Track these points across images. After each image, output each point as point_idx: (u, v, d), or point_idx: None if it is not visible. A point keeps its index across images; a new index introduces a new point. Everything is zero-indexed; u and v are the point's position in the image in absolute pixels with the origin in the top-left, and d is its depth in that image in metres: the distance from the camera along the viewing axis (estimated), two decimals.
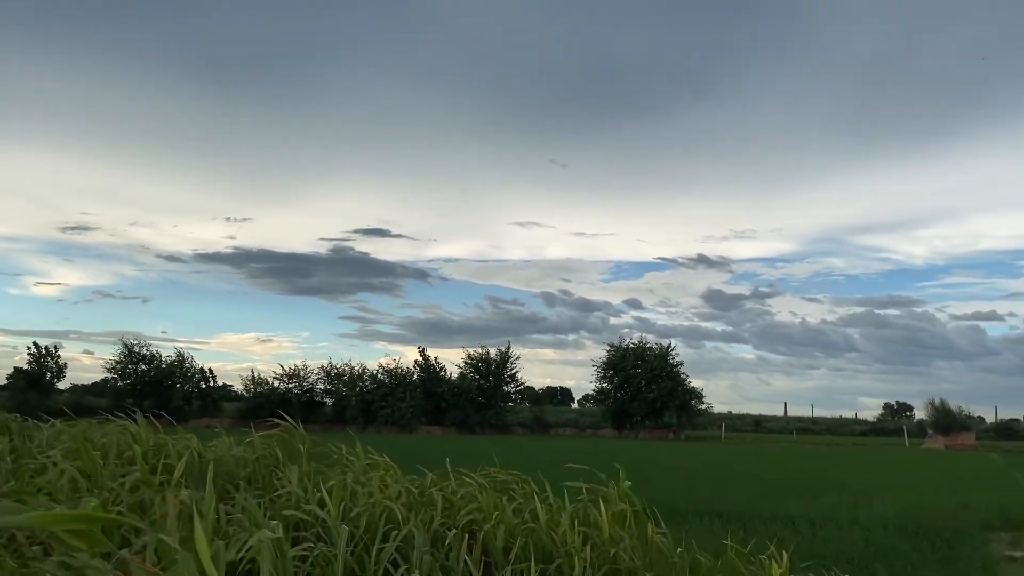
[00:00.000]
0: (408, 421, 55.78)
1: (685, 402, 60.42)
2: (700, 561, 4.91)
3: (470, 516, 4.97)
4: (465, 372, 61.23)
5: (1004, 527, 12.63)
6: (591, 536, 4.85)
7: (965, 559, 9.23)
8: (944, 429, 58.39)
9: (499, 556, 4.49)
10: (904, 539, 10.54)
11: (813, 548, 9.25)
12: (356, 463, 5.82)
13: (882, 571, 8.14)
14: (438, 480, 5.86)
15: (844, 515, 12.55)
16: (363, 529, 4.34)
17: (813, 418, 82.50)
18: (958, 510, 13.95)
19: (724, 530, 7.75)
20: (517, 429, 61.30)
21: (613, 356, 62.07)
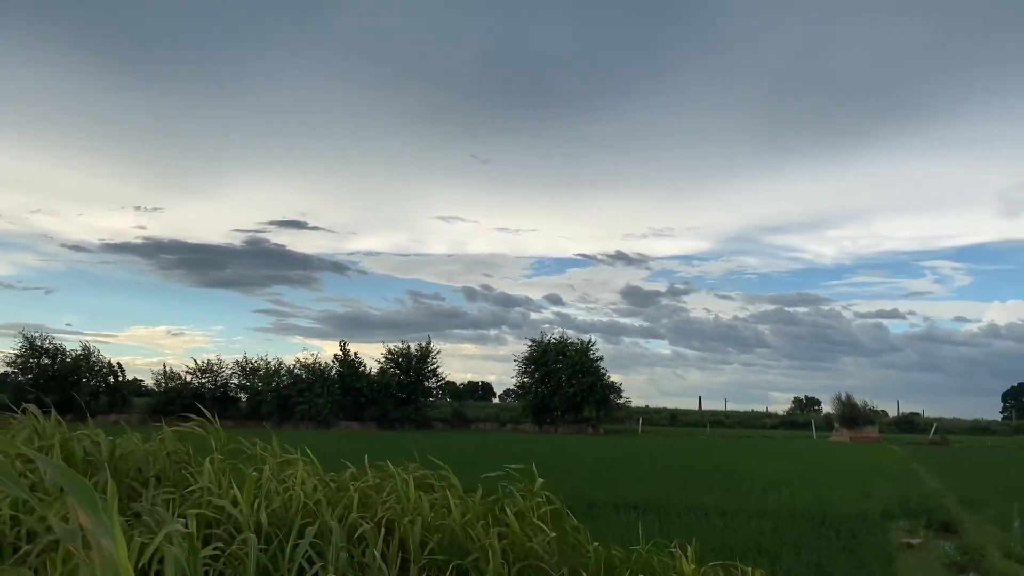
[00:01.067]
0: (326, 417, 54.97)
1: (604, 397, 61.22)
2: (614, 554, 5.00)
3: (388, 511, 4.95)
4: (385, 367, 60.68)
5: (903, 516, 13.22)
6: (506, 532, 4.88)
7: (866, 546, 9.63)
8: (849, 422, 60.72)
9: (416, 551, 4.49)
10: (811, 528, 10.92)
11: (724, 538, 9.51)
12: (272, 459, 5.72)
13: (789, 559, 8.43)
14: (356, 475, 5.81)
15: (754, 505, 12.94)
16: (277, 526, 4.27)
17: (726, 412, 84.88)
18: (861, 500, 14.53)
19: (639, 522, 7.91)
20: (438, 424, 61.14)
21: (535, 351, 62.45)
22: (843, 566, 8.18)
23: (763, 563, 7.17)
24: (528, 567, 4.68)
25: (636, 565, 4.86)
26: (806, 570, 7.95)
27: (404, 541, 4.64)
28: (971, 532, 11.78)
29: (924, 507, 13.70)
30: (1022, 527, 12.26)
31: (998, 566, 8.92)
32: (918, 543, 10.65)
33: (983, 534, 11.55)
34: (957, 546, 10.66)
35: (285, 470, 5.53)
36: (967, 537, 11.27)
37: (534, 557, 4.72)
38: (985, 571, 8.98)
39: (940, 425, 68.74)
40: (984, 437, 65.05)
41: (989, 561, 9.23)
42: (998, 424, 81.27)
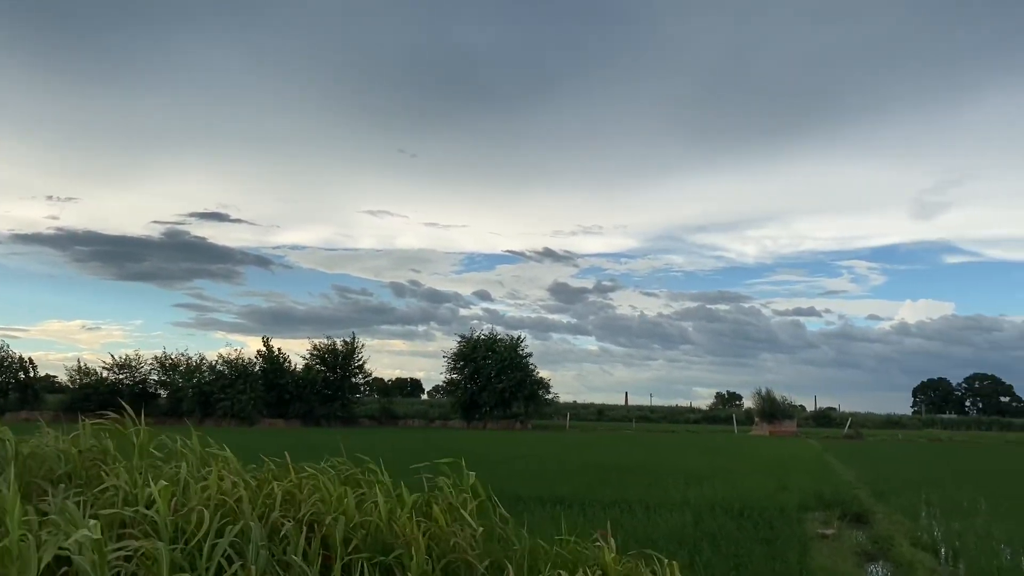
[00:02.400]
0: (249, 414, 53.88)
1: (533, 392, 61.63)
2: (538, 547, 5.03)
3: (312, 509, 4.88)
4: (311, 363, 59.84)
5: (818, 507, 13.66)
6: (431, 527, 4.87)
7: (783, 537, 9.92)
8: (769, 417, 62.53)
9: (338, 548, 4.43)
10: (730, 519, 11.19)
11: (647, 530, 9.67)
12: (192, 456, 5.57)
13: (708, 550, 8.62)
14: (279, 473, 5.71)
15: (676, 498, 13.20)
16: (195, 525, 4.16)
17: (652, 407, 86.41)
18: (778, 492, 14.96)
19: (565, 516, 7.97)
20: (364, 421, 60.59)
21: (464, 347, 62.44)
22: (760, 557, 8.41)
23: (683, 554, 7.33)
24: (453, 561, 4.67)
25: (559, 557, 4.90)
26: (724, 561, 8.14)
27: (327, 539, 4.57)
28: (882, 522, 12.24)
29: (838, 499, 14.18)
30: (929, 517, 12.81)
31: (906, 554, 9.29)
32: (832, 534, 11.02)
33: (893, 524, 12.02)
34: (868, 536, 11.06)
35: (205, 468, 5.40)
36: (878, 527, 11.71)
37: (459, 551, 4.71)
38: (894, 559, 9.35)
39: (855, 419, 71.35)
40: (896, 431, 67.75)
41: (898, 550, 9.62)
42: (909, 418, 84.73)
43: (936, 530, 11.35)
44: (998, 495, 15.80)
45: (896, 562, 9.19)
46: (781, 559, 8.29)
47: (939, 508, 13.69)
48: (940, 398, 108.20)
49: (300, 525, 4.54)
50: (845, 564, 8.93)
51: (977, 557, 8.99)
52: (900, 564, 9.01)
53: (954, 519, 12.21)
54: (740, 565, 7.96)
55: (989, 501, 14.69)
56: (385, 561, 4.46)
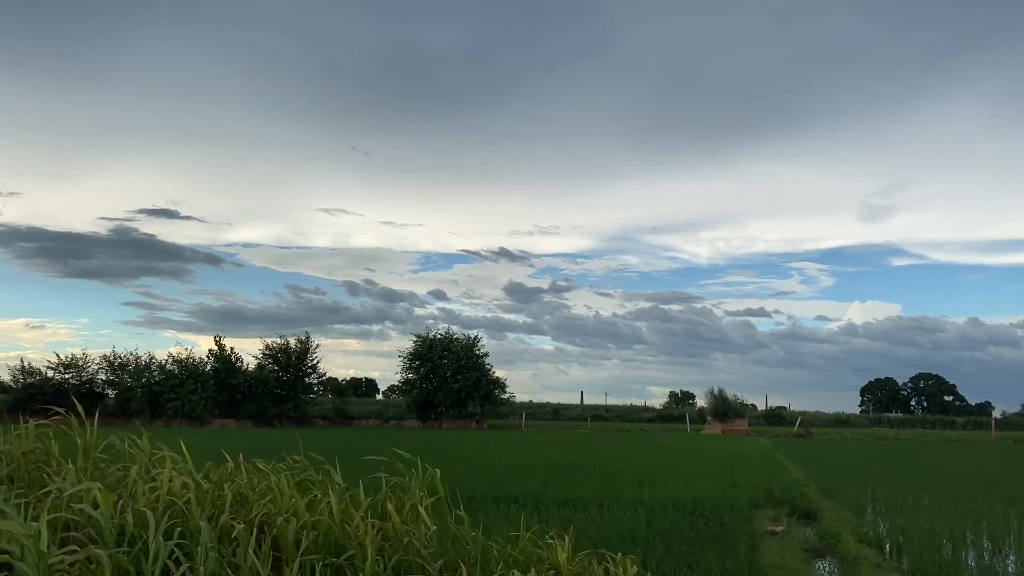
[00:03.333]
0: (200, 414, 52.95)
1: (489, 392, 61.61)
2: (492, 546, 5.04)
3: (264, 510, 4.83)
4: (263, 363, 59.06)
5: (768, 504, 13.90)
6: (384, 527, 4.85)
7: (734, 534, 10.07)
8: (721, 416, 63.38)
9: (289, 550, 4.39)
10: (682, 517, 11.33)
11: (600, 529, 9.75)
12: (140, 457, 5.47)
13: (660, 548, 8.71)
14: (230, 474, 5.64)
15: (630, 496, 13.31)
16: (142, 527, 4.09)
17: (607, 406, 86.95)
18: (730, 490, 15.18)
19: (519, 515, 8.00)
20: (318, 421, 60.01)
21: (420, 347, 62.14)
22: (711, 553, 8.52)
23: (636, 552, 7.39)
24: (406, 561, 4.66)
25: (512, 556, 4.92)
26: (676, 558, 8.24)
27: (278, 540, 4.53)
28: (829, 519, 12.50)
29: (788, 496, 14.44)
30: (875, 513, 13.11)
31: (852, 550, 9.50)
32: (781, 530, 11.21)
33: (840, 520, 12.28)
34: (816, 532, 11.28)
35: (155, 469, 5.30)
36: (825, 523, 11.95)
37: (412, 551, 4.70)
38: (840, 555, 9.55)
39: (804, 418, 72.69)
40: (844, 429, 69.18)
41: (844, 546, 9.83)
42: (856, 417, 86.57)
43: (881, 526, 11.62)
44: (940, 491, 16.24)
45: (842, 558, 9.39)
46: (731, 556, 8.42)
47: (884, 504, 14.01)
48: (887, 397, 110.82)
49: (251, 527, 4.49)
50: (793, 560, 9.10)
51: (920, 552, 9.23)
52: (846, 560, 9.21)
53: (898, 515, 12.51)
54: (692, 563, 8.07)
55: (932, 497, 15.09)
56: (337, 562, 4.44)
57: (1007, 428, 74.73)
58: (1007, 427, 75.86)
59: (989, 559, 9.31)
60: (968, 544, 10.12)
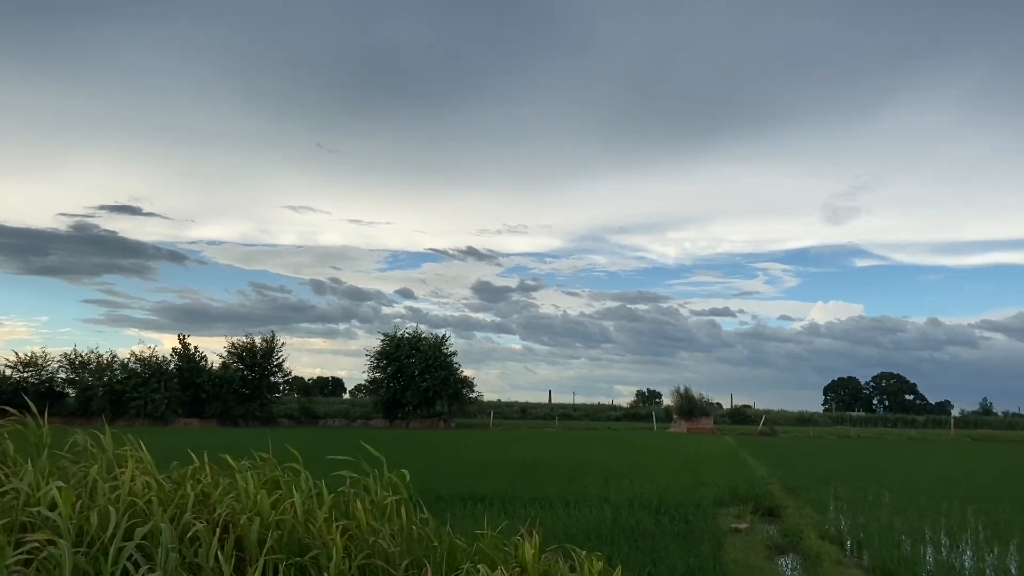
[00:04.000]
0: (163, 413, 52.23)
1: (457, 391, 61.50)
2: (458, 544, 5.03)
3: (227, 510, 4.77)
4: (228, 361, 58.40)
5: (732, 502, 14.05)
6: (349, 527, 4.82)
7: (698, 531, 10.17)
8: (687, 414, 63.84)
9: (253, 550, 4.35)
10: (648, 515, 11.41)
11: (567, 527, 9.78)
12: (102, 456, 5.38)
13: (626, 545, 8.77)
14: (193, 473, 5.57)
15: (596, 495, 13.38)
16: (102, 527, 4.02)
17: (574, 405, 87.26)
18: (695, 488, 15.31)
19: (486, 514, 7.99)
20: (284, 421, 59.47)
21: (387, 346, 61.85)
22: (675, 551, 8.59)
23: (602, 549, 7.42)
24: (372, 561, 4.63)
25: (479, 554, 4.92)
26: (641, 555, 8.29)
27: (242, 540, 4.48)
28: (792, 516, 12.66)
29: (752, 494, 14.60)
30: (837, 510, 13.30)
31: (814, 547, 9.63)
32: (745, 528, 11.33)
33: (803, 517, 12.45)
34: (779, 529, 11.43)
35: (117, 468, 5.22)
36: (788, 521, 12.11)
37: (378, 550, 4.68)
38: (803, 552, 9.68)
39: (769, 417, 73.50)
40: (807, 427, 70.13)
41: (807, 543, 9.96)
42: (820, 415, 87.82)
43: (843, 523, 11.79)
44: (901, 489, 16.52)
45: (805, 554, 9.51)
46: (696, 553, 8.49)
47: (846, 502, 14.22)
48: (849, 396, 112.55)
49: (214, 526, 4.44)
50: (756, 557, 9.20)
51: (880, 548, 9.38)
52: (808, 556, 9.33)
53: (860, 512, 12.71)
54: (656, 559, 8.13)
55: (893, 495, 15.35)
56: (301, 561, 4.40)
57: (965, 426, 76.28)
58: (965, 425, 77.44)
59: (947, 555, 9.49)
60: (927, 540, 10.31)
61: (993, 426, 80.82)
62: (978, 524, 11.56)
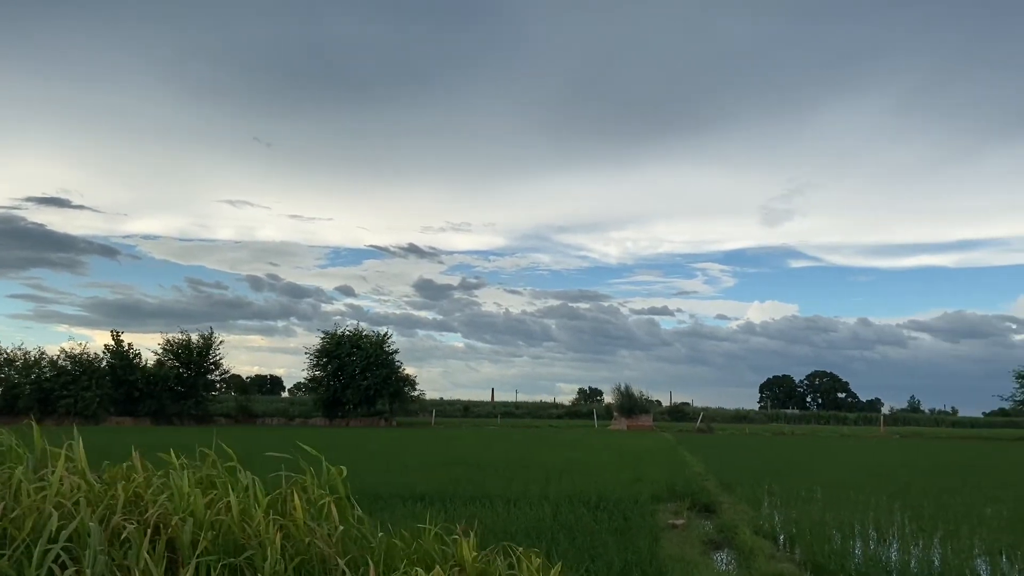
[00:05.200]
0: (94, 412, 50.74)
1: (399, 389, 61.14)
2: (396, 544, 5.01)
3: (160, 510, 4.67)
4: (163, 359, 57.03)
5: (670, 498, 14.24)
6: (287, 526, 4.76)
7: (636, 528, 10.29)
8: (627, 412, 64.58)
9: (186, 551, 4.27)
10: (587, 511, 11.50)
11: (507, 525, 9.81)
12: (29, 457, 5.22)
13: (564, 542, 8.84)
14: (125, 473, 5.44)
15: (536, 492, 13.44)
16: (26, 530, 3.90)
17: (517, 403, 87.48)
18: (633, 484, 15.49)
19: (426, 513, 7.97)
20: (221, 420, 58.30)
21: (327, 343, 61.17)
22: (613, 547, 8.69)
23: (541, 546, 7.47)
24: (308, 560, 4.59)
25: (417, 553, 4.91)
26: (580, 552, 8.37)
27: (174, 541, 4.40)
28: (728, 512, 12.91)
29: (689, 490, 14.82)
30: (771, 506, 13.60)
31: (748, 542, 9.83)
32: (682, 524, 11.51)
33: (737, 513, 12.70)
34: (715, 525, 11.64)
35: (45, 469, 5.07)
36: (724, 516, 12.34)
37: (315, 550, 4.63)
38: (737, 547, 9.87)
39: (706, 414, 74.82)
40: (744, 425, 71.60)
41: (741, 538, 10.16)
42: (756, 413, 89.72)
43: (776, 518, 12.05)
44: (832, 484, 16.98)
45: (739, 549, 9.70)
46: (633, 549, 8.60)
47: (780, 497, 14.54)
48: (784, 394, 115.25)
49: (145, 527, 4.34)
50: (692, 552, 9.36)
51: (811, 542, 9.62)
52: (742, 551, 9.52)
53: (792, 507, 13.01)
54: (595, 556, 8.20)
55: (824, 490, 15.76)
56: (236, 562, 4.33)
57: (894, 424, 78.84)
58: (894, 423, 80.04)
59: (874, 548, 9.78)
60: (856, 534, 10.60)
61: (920, 423, 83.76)
62: (904, 518, 11.94)
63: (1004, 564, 8.86)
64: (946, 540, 10.12)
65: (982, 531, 10.87)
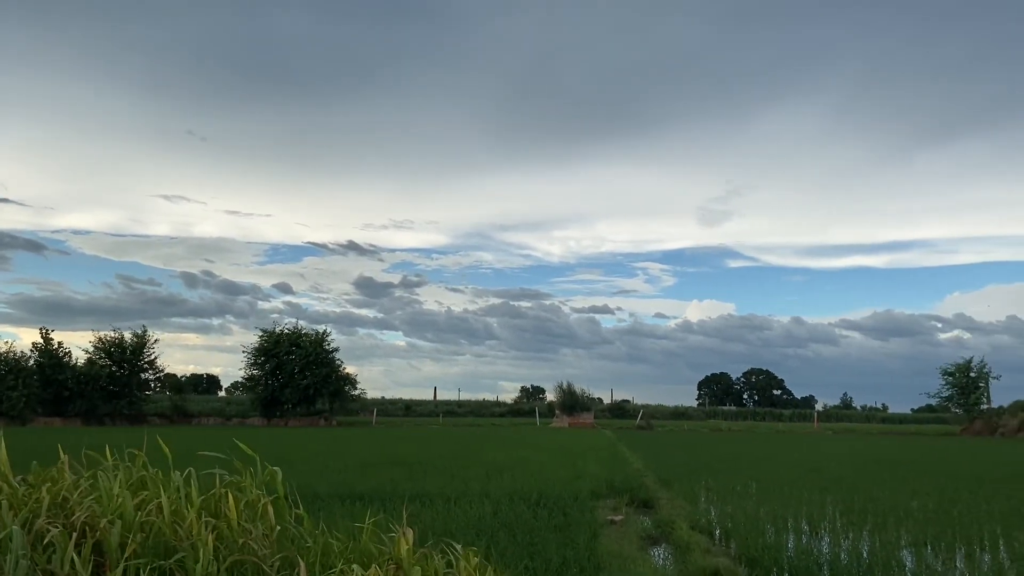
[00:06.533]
0: (20, 412, 49.08)
1: (339, 389, 60.54)
2: (332, 543, 4.96)
3: (88, 512, 4.54)
4: (95, 358, 55.44)
5: (609, 495, 14.38)
6: (220, 527, 4.67)
7: (575, 524, 10.36)
8: (569, 409, 65.06)
9: (114, 554, 4.15)
10: (527, 508, 11.53)
11: (446, 523, 9.78)
12: None
13: (504, 539, 8.85)
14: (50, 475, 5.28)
15: (477, 490, 13.43)
16: None
17: (459, 401, 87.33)
18: (573, 481, 15.59)
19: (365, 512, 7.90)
20: (155, 419, 56.93)
21: (266, 342, 60.22)
22: (552, 543, 8.73)
23: (481, 544, 7.47)
24: (242, 562, 4.51)
25: (354, 552, 4.86)
26: (519, 548, 8.39)
27: (101, 544, 4.28)
28: (666, 507, 13.08)
29: (628, 486, 14.99)
30: (708, 501, 13.83)
31: (684, 537, 9.98)
32: (620, 519, 11.64)
33: (675, 508, 12.88)
34: (653, 521, 11.78)
35: None
36: (662, 512, 12.50)
37: (248, 551, 4.56)
38: (674, 542, 10.01)
39: (646, 411, 75.79)
40: (682, 421, 72.65)
41: (678, 533, 10.31)
42: (694, 410, 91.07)
43: (712, 513, 12.26)
44: (767, 479, 17.35)
45: (676, 544, 9.84)
46: (572, 545, 8.65)
47: (716, 493, 14.80)
48: (722, 391, 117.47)
49: (71, 531, 4.21)
50: (630, 548, 9.47)
51: (746, 536, 9.81)
52: (679, 546, 9.66)
53: (728, 502, 13.26)
54: (534, 552, 8.23)
55: (759, 485, 16.10)
56: (166, 565, 4.24)
57: (827, 420, 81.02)
58: (828, 419, 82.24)
59: (807, 541, 10.02)
60: (789, 528, 10.85)
61: (852, 419, 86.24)
62: (835, 512, 12.27)
63: (928, 555, 9.16)
64: (874, 532, 10.43)
65: (908, 523, 11.24)
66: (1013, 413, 57.17)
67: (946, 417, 74.73)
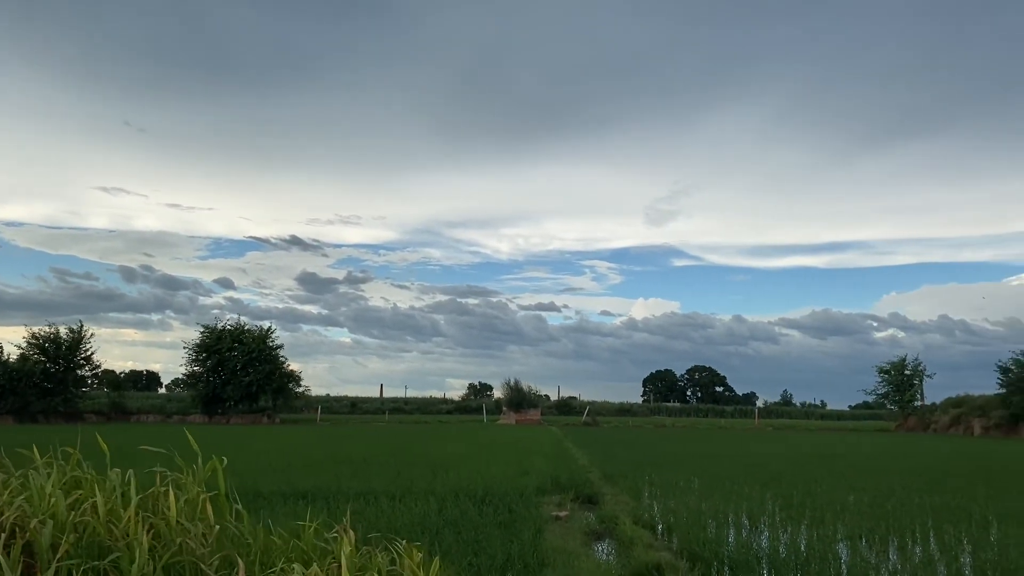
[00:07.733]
0: None
1: (282, 386, 59.77)
2: (274, 541, 4.90)
3: (17, 512, 4.40)
4: (28, 354, 53.79)
5: (555, 491, 14.45)
6: (157, 525, 4.57)
7: (520, 520, 10.39)
8: (516, 406, 65.28)
9: (45, 555, 4.03)
10: (472, 505, 11.53)
11: (392, 520, 9.73)
12: None
13: (449, 535, 8.84)
14: None
15: (422, 487, 13.38)
16: None
17: (406, 398, 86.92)
18: (519, 477, 15.64)
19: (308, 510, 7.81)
20: (91, 417, 55.47)
21: (207, 338, 59.14)
22: (497, 540, 8.75)
23: (425, 541, 7.45)
24: (180, 561, 4.42)
25: (296, 551, 4.81)
26: (464, 545, 8.39)
27: (31, 545, 4.15)
28: (610, 503, 13.20)
29: (573, 482, 15.09)
30: (651, 496, 14.00)
31: (628, 532, 10.09)
32: (565, 515, 11.70)
33: (619, 504, 13.01)
34: (597, 516, 11.88)
35: None
36: (606, 508, 12.61)
37: (187, 550, 4.47)
38: (618, 537, 10.12)
39: (592, 408, 76.40)
40: (627, 418, 73.48)
41: (621, 528, 10.42)
42: (639, 406, 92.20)
43: (655, 508, 12.41)
44: (709, 475, 17.63)
45: (619, 539, 9.94)
46: (517, 541, 8.68)
47: (659, 488, 14.98)
48: (666, 388, 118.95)
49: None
50: (574, 543, 9.52)
51: (688, 531, 9.96)
52: (623, 541, 9.76)
53: (671, 497, 13.44)
54: (478, 549, 8.24)
55: (701, 480, 16.35)
56: (100, 565, 4.13)
57: (768, 416, 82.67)
58: (768, 415, 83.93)
59: (747, 535, 10.21)
60: (730, 523, 11.04)
61: (792, 416, 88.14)
62: (775, 507, 12.52)
63: (863, 547, 9.42)
64: (812, 526, 10.68)
65: (845, 517, 11.53)
66: (945, 410, 59.14)
67: (882, 414, 76.91)
